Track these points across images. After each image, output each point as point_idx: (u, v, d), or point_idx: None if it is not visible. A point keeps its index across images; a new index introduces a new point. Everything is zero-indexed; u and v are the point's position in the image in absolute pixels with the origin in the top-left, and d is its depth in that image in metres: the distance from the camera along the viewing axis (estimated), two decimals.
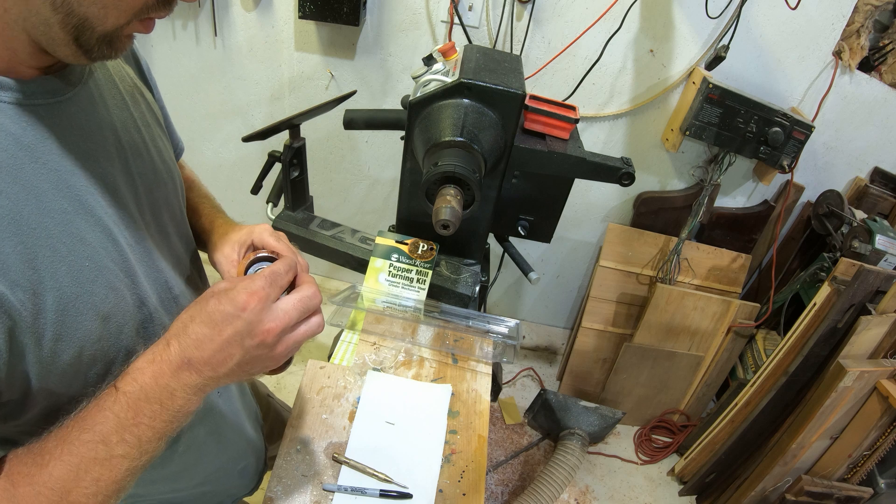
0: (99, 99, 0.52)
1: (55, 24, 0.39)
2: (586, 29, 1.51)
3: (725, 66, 1.51)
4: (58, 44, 0.41)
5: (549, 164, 0.88)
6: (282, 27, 1.65)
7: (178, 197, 0.66)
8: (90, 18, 0.40)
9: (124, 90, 0.57)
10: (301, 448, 0.76)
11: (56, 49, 0.42)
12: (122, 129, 0.55)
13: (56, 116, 0.46)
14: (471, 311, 1.00)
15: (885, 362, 1.51)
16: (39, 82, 0.45)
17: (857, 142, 1.72)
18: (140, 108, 0.60)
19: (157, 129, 0.63)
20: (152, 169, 0.59)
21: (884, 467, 1.63)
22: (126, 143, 0.55)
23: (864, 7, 1.47)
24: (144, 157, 0.58)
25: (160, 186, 0.61)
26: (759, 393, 1.65)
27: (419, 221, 1.01)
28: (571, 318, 2.28)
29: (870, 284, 1.45)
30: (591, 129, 1.73)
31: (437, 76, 0.92)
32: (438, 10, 1.56)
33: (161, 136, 0.64)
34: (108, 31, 0.42)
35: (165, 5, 0.43)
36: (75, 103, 0.49)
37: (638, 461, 1.98)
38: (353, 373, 0.88)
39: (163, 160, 0.62)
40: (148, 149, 0.59)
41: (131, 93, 0.59)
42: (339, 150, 1.92)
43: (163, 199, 0.61)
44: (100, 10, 0.40)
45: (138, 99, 0.60)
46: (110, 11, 0.40)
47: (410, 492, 0.74)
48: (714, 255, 1.89)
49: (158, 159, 0.61)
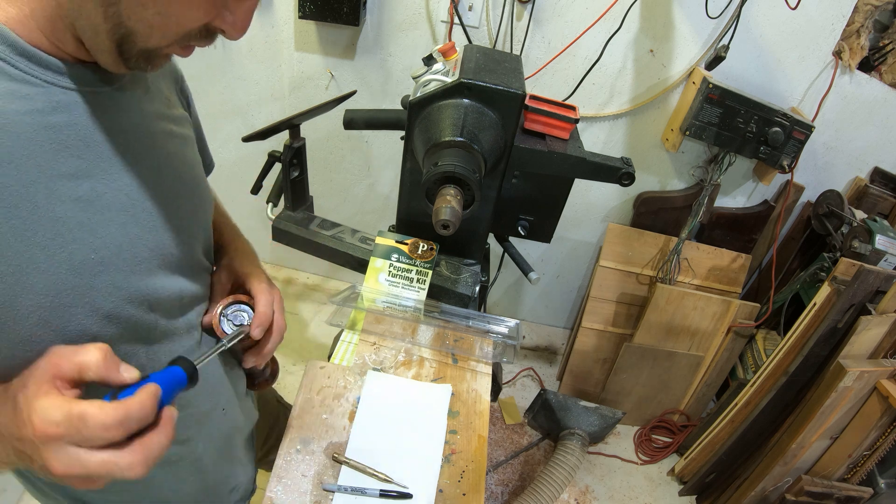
0: (134, 104, 0.52)
1: (103, 31, 0.41)
2: (586, 29, 1.51)
3: (725, 66, 1.51)
4: (101, 50, 0.43)
5: (549, 164, 0.88)
6: (282, 27, 1.65)
7: (207, 213, 0.65)
8: (135, 33, 0.42)
9: (160, 102, 0.57)
10: (301, 448, 0.76)
11: (98, 54, 0.44)
12: (156, 137, 0.54)
13: (92, 105, 0.46)
14: (471, 311, 1.00)
15: (885, 362, 1.51)
16: (80, 70, 0.45)
17: (857, 142, 1.72)
18: (175, 121, 0.59)
19: (190, 144, 0.62)
20: (182, 182, 0.58)
21: (884, 467, 1.63)
22: (158, 154, 0.54)
23: (864, 7, 1.47)
24: (176, 170, 0.57)
25: (189, 199, 0.60)
26: (759, 393, 1.65)
27: (419, 221, 1.01)
28: (571, 318, 2.29)
29: (870, 284, 1.45)
30: (591, 129, 1.73)
31: (437, 76, 0.92)
32: (438, 10, 1.56)
33: (193, 151, 0.63)
34: (150, 49, 0.43)
35: (206, 37, 0.45)
36: (110, 100, 0.49)
37: (638, 461, 1.98)
38: (353, 373, 0.88)
39: (192, 175, 0.61)
40: (180, 162, 0.58)
41: (167, 104, 0.59)
42: (339, 150, 1.92)
43: (191, 214, 0.60)
44: (146, 29, 0.42)
45: (174, 113, 0.60)
46: (155, 32, 0.42)
47: (410, 492, 0.74)
48: (714, 255, 1.89)
49: (189, 174, 0.60)
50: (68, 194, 0.44)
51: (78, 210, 0.45)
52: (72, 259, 0.45)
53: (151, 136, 0.54)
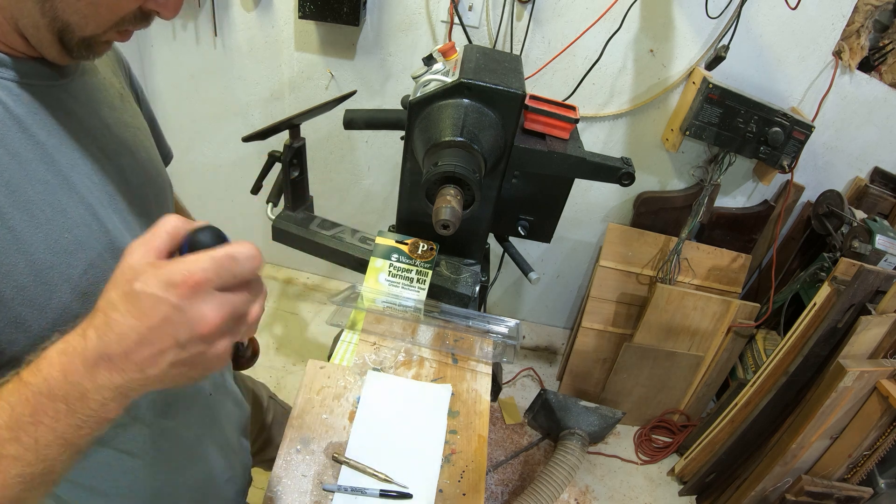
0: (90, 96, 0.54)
1: (43, 26, 0.44)
2: (586, 29, 1.51)
3: (725, 66, 1.51)
4: (44, 44, 0.46)
5: (549, 164, 0.88)
6: (282, 27, 1.65)
7: (168, 199, 0.68)
8: (72, 24, 0.44)
9: (113, 95, 0.60)
10: (301, 448, 0.76)
11: (43, 48, 0.47)
12: (113, 127, 0.56)
13: (48, 97, 0.48)
14: (471, 311, 1.00)
15: (885, 362, 1.51)
16: (34, 65, 0.48)
17: (857, 142, 1.72)
18: (129, 113, 0.62)
19: (145, 134, 0.65)
20: (143, 168, 0.60)
21: (884, 467, 1.63)
22: (116, 141, 0.56)
23: (864, 7, 1.47)
24: (135, 157, 0.59)
25: (151, 185, 0.62)
26: (759, 393, 1.65)
27: (419, 221, 1.01)
28: (571, 318, 2.28)
29: (870, 284, 1.45)
30: (591, 129, 1.73)
31: (437, 76, 0.92)
32: (438, 10, 1.56)
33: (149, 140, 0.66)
34: (88, 37, 0.46)
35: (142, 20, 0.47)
36: (67, 92, 0.51)
37: (638, 461, 1.98)
38: (353, 373, 0.88)
39: (152, 163, 0.63)
40: (138, 149, 0.60)
41: (119, 97, 0.61)
42: (339, 150, 1.92)
43: (153, 198, 0.62)
44: (81, 19, 0.44)
45: (126, 105, 0.62)
46: (90, 21, 0.45)
47: (410, 492, 0.74)
48: (714, 255, 1.89)
49: (147, 161, 0.62)
50: (38, 178, 0.46)
51: (48, 193, 0.47)
52: (48, 239, 0.46)
53: (107, 126, 0.56)
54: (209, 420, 0.73)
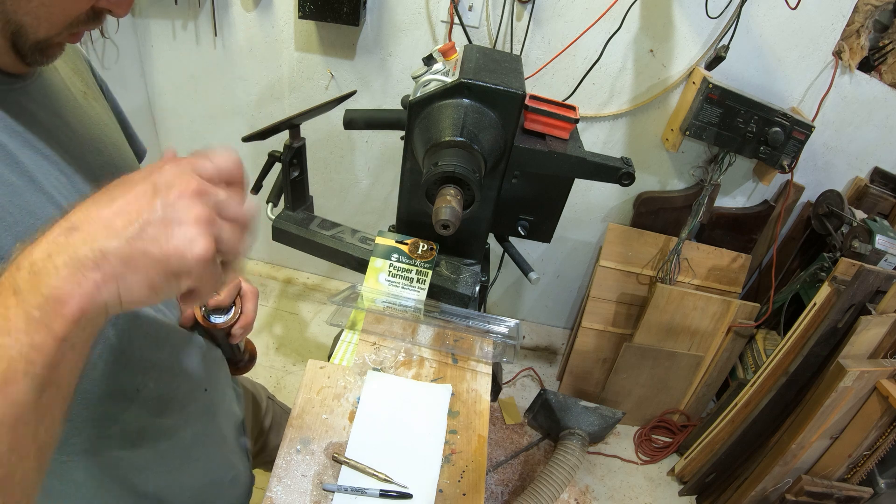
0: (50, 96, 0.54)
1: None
2: (586, 29, 1.51)
3: (725, 66, 1.51)
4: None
5: (549, 164, 0.88)
6: (282, 27, 1.65)
7: None
8: (24, 27, 0.44)
9: (75, 93, 0.59)
10: (301, 448, 0.76)
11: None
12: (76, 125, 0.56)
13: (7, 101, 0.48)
14: (471, 311, 1.00)
15: (885, 362, 1.51)
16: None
17: (857, 142, 1.72)
18: (95, 110, 0.61)
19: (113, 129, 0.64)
20: (112, 164, 0.60)
21: (884, 467, 1.63)
22: (83, 139, 0.56)
23: (864, 7, 1.47)
24: (104, 154, 0.59)
25: None
26: (759, 393, 1.65)
27: (419, 221, 1.01)
28: (571, 318, 2.29)
29: (870, 284, 1.45)
30: (591, 129, 1.73)
31: (437, 76, 0.92)
32: (438, 10, 1.56)
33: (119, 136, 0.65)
34: (41, 40, 0.46)
35: (94, 19, 0.47)
36: (26, 94, 0.51)
37: (638, 461, 1.98)
38: (353, 373, 0.88)
39: (123, 159, 0.63)
40: (106, 146, 0.60)
41: (83, 95, 0.61)
42: (339, 150, 1.92)
43: None
44: (33, 21, 0.44)
45: (92, 103, 0.62)
46: (42, 23, 0.45)
47: (410, 492, 0.74)
48: (714, 255, 1.89)
49: (119, 158, 0.61)
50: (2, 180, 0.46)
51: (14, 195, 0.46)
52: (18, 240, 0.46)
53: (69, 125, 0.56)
54: (207, 418, 0.73)
